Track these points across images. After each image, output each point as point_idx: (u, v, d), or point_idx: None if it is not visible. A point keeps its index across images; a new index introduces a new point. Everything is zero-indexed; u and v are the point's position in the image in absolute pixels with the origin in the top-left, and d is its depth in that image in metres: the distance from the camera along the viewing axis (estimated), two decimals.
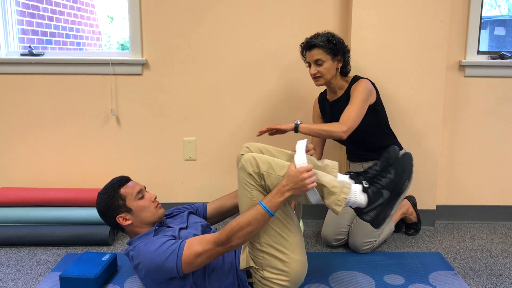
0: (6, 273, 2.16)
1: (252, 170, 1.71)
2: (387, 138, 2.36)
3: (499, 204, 2.82)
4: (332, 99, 2.40)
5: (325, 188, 1.73)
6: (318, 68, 2.23)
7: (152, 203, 1.91)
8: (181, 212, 2.05)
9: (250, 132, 2.79)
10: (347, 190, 1.73)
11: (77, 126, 2.79)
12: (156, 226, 1.89)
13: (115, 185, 1.89)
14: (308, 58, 2.27)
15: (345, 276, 2.10)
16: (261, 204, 1.66)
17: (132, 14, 2.66)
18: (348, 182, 1.79)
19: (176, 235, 1.80)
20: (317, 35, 2.24)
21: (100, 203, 1.89)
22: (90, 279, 1.93)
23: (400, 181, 1.84)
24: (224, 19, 2.67)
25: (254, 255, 1.76)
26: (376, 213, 1.81)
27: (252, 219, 1.64)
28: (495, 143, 2.76)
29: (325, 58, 2.22)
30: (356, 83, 2.27)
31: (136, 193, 1.89)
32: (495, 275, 2.13)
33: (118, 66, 2.71)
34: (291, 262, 1.75)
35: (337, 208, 1.72)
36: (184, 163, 2.83)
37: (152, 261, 1.68)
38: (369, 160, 2.38)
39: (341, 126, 2.10)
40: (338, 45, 2.23)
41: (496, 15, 4.62)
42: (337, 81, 2.32)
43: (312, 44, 2.22)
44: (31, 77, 2.74)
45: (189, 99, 2.76)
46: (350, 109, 2.16)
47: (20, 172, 2.84)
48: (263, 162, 1.72)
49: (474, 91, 2.71)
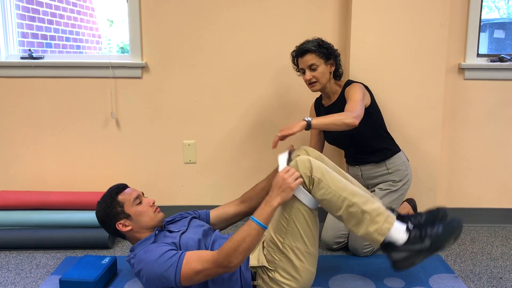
0: (6, 276, 2.16)
1: (304, 173, 1.72)
2: (384, 141, 2.36)
3: (499, 207, 2.82)
4: (327, 104, 2.41)
5: (367, 215, 1.71)
6: (313, 73, 2.24)
7: (150, 208, 1.92)
8: (184, 218, 2.05)
9: (250, 135, 2.79)
10: (391, 220, 1.71)
11: (77, 129, 2.79)
12: (156, 231, 1.89)
13: (113, 192, 1.90)
14: (302, 65, 2.27)
15: (345, 279, 2.10)
16: (252, 218, 1.66)
17: (132, 17, 2.67)
18: (392, 215, 1.75)
19: (177, 242, 1.80)
20: (307, 41, 2.26)
21: (99, 212, 1.90)
22: (90, 283, 1.92)
23: (446, 237, 1.77)
24: (223, 22, 2.68)
25: (271, 255, 1.77)
26: (407, 256, 1.74)
27: (246, 235, 1.62)
28: (495, 146, 2.76)
29: (318, 62, 2.24)
30: (349, 86, 2.29)
31: (134, 198, 1.89)
32: (496, 278, 2.13)
33: (118, 69, 2.71)
34: (303, 271, 1.77)
35: (379, 238, 1.71)
36: (184, 166, 2.83)
37: (151, 270, 1.69)
38: (367, 164, 2.39)
39: (349, 113, 2.04)
40: (329, 49, 2.26)
41: (495, 18, 4.63)
42: (331, 85, 2.33)
43: (305, 50, 2.23)
44: (31, 80, 2.74)
45: (189, 102, 2.76)
46: (350, 103, 2.14)
47: (20, 175, 2.83)
48: (318, 168, 1.73)
49: (473, 94, 2.71)
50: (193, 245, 1.81)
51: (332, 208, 1.74)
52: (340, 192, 1.72)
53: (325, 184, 1.72)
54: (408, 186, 2.39)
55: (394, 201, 2.34)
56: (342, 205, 1.72)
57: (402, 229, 1.74)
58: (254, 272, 1.80)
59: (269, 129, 2.79)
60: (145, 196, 1.98)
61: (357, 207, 1.71)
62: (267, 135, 2.79)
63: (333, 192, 1.71)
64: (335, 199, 1.72)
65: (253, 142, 2.80)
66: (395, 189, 2.34)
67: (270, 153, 2.81)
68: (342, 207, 1.72)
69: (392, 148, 2.37)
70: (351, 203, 1.71)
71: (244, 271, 1.79)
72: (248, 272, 1.79)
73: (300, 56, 2.26)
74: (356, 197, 1.72)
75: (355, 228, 1.74)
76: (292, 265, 1.76)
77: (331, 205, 1.73)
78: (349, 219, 1.74)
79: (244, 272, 1.79)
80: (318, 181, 1.72)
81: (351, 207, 1.71)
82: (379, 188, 2.36)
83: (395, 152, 2.36)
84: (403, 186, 2.36)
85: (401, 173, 2.35)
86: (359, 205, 1.71)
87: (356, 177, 2.45)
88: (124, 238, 1.95)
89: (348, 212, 1.72)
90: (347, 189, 1.73)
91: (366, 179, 2.43)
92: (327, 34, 2.67)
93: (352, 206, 1.71)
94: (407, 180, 2.37)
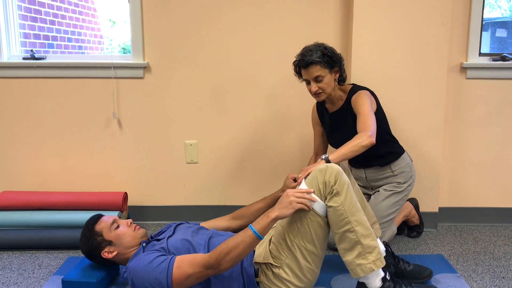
0: (9, 277, 2.16)
1: (328, 180, 1.71)
2: (388, 144, 2.33)
3: (502, 206, 2.81)
4: (331, 110, 2.35)
5: (360, 248, 1.71)
6: (318, 84, 2.14)
7: (129, 228, 1.95)
8: (170, 226, 2.06)
9: (252, 135, 2.79)
10: (379, 264, 1.71)
11: (79, 129, 2.79)
12: (143, 243, 1.91)
13: (89, 225, 1.94)
14: (306, 76, 2.17)
15: (348, 279, 2.10)
16: (250, 227, 1.68)
17: (134, 17, 2.67)
18: (382, 259, 1.74)
19: (165, 246, 1.82)
20: (309, 50, 2.13)
21: (83, 248, 1.95)
22: (92, 283, 1.93)
23: None
24: (225, 23, 2.68)
25: (279, 251, 1.77)
26: None
27: (240, 241, 1.64)
28: (497, 145, 2.75)
29: (323, 73, 2.13)
30: (355, 95, 2.20)
31: (110, 224, 1.92)
32: (498, 277, 2.12)
33: (119, 69, 2.71)
34: (308, 271, 1.78)
35: (359, 273, 1.71)
36: (186, 166, 2.84)
37: (143, 278, 1.70)
38: (371, 167, 2.37)
39: (364, 133, 1.99)
40: (333, 57, 2.15)
41: (497, 17, 4.62)
42: (335, 92, 2.25)
43: (309, 62, 2.11)
44: (33, 81, 2.75)
45: (191, 102, 2.76)
46: (362, 118, 2.08)
47: (22, 176, 2.84)
48: (343, 183, 1.72)
49: (475, 93, 2.70)
50: (180, 246, 1.83)
51: (332, 222, 1.74)
52: (348, 214, 1.71)
53: (340, 200, 1.71)
54: (412, 186, 2.38)
55: (398, 202, 2.33)
56: (343, 226, 1.71)
57: (380, 276, 1.74)
58: (257, 268, 1.81)
59: (271, 129, 2.79)
60: (121, 217, 2.00)
61: (355, 235, 1.70)
62: (268, 135, 2.79)
63: (342, 211, 1.70)
64: (340, 218, 1.71)
65: (254, 142, 2.80)
66: (400, 190, 2.33)
67: (271, 153, 2.81)
68: (342, 228, 1.71)
69: (397, 150, 2.35)
70: (352, 229, 1.70)
71: (248, 268, 1.80)
72: (251, 268, 1.80)
73: (304, 68, 2.15)
74: (359, 227, 1.71)
75: (343, 251, 1.74)
76: (297, 264, 1.76)
77: (333, 220, 1.73)
78: (342, 241, 1.74)
79: (248, 268, 1.79)
80: (336, 194, 1.71)
81: (350, 233, 1.71)
82: (384, 189, 2.35)
83: (399, 155, 2.34)
84: (408, 187, 2.35)
85: (405, 174, 2.34)
86: (358, 235, 1.70)
87: (360, 179, 2.45)
88: (115, 264, 1.99)
89: (345, 235, 1.72)
90: (355, 215, 1.72)
91: (370, 181, 2.43)
92: (328, 35, 2.67)
93: (352, 233, 1.71)
94: (411, 181, 2.37)
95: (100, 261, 1.95)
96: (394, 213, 2.34)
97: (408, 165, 2.36)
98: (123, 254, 1.91)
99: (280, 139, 2.80)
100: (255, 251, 1.83)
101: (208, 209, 2.87)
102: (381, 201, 2.31)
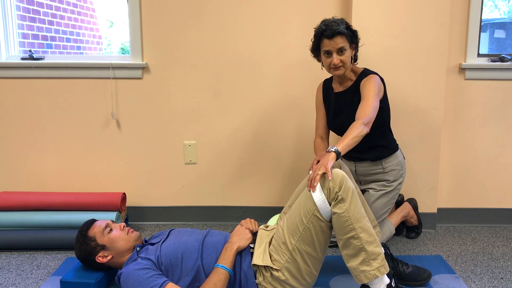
0: (7, 277, 2.16)
1: (333, 187, 1.71)
2: (384, 137, 2.31)
3: (500, 207, 2.81)
4: (337, 89, 2.31)
5: (364, 254, 1.70)
6: (340, 57, 2.10)
7: (122, 231, 1.95)
8: (164, 231, 2.06)
9: (251, 135, 2.79)
10: (383, 270, 1.71)
11: (78, 130, 2.79)
12: (137, 247, 1.91)
13: (83, 231, 1.94)
14: (329, 47, 2.10)
15: (346, 280, 2.10)
16: (217, 266, 1.74)
17: (132, 18, 2.67)
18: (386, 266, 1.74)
19: (158, 254, 1.82)
20: (334, 22, 2.09)
21: (77, 254, 1.95)
22: (91, 284, 1.92)
23: None
24: (224, 23, 2.68)
25: (279, 254, 1.78)
26: None
27: (217, 281, 1.70)
28: (496, 146, 2.76)
29: (346, 46, 2.10)
30: (366, 78, 2.18)
31: (103, 229, 1.92)
32: (497, 278, 2.12)
33: (118, 70, 2.71)
34: (307, 274, 1.79)
35: (363, 279, 1.71)
36: (184, 167, 2.83)
37: None
38: (363, 161, 2.36)
39: (359, 121, 1.97)
40: (353, 31, 2.14)
41: (496, 18, 4.63)
42: (347, 71, 2.21)
43: (336, 32, 2.06)
44: (31, 81, 2.74)
45: (190, 103, 2.76)
46: (364, 104, 2.07)
47: (21, 176, 2.83)
48: (348, 189, 1.71)
49: (474, 94, 2.71)
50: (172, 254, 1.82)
51: (337, 228, 1.73)
52: (352, 221, 1.70)
53: (345, 207, 1.70)
54: (402, 184, 2.38)
55: (389, 201, 2.33)
56: (347, 233, 1.70)
57: (385, 282, 1.73)
58: (255, 270, 1.81)
59: (270, 128, 2.79)
60: (114, 222, 2.01)
61: (360, 242, 1.70)
62: (268, 135, 2.79)
63: (347, 217, 1.69)
64: (345, 224, 1.70)
65: (254, 142, 2.80)
66: (390, 189, 2.33)
67: (270, 153, 2.81)
68: (346, 234, 1.71)
69: (391, 146, 2.33)
70: (357, 236, 1.70)
71: (246, 270, 1.80)
72: (250, 270, 1.80)
73: (330, 37, 2.08)
74: (364, 233, 1.70)
75: (347, 257, 1.74)
76: (297, 267, 1.77)
77: (338, 226, 1.72)
78: (346, 247, 1.73)
79: (246, 271, 1.80)
80: (340, 200, 1.70)
81: (354, 239, 1.70)
82: (373, 189, 2.35)
83: (392, 151, 2.33)
84: (398, 185, 2.35)
85: (395, 173, 2.34)
86: (363, 242, 1.70)
87: (349, 172, 2.44)
88: (110, 269, 1.99)
89: (349, 241, 1.71)
90: (360, 222, 1.71)
91: (359, 175, 2.42)
92: None
93: (356, 239, 1.70)
94: (402, 180, 2.36)
95: (95, 266, 1.95)
96: (387, 212, 2.35)
97: (399, 163, 2.34)
98: (118, 258, 1.92)
99: (280, 140, 2.80)
100: (254, 253, 1.83)
101: (207, 209, 2.86)
102: (373, 202, 2.31)
